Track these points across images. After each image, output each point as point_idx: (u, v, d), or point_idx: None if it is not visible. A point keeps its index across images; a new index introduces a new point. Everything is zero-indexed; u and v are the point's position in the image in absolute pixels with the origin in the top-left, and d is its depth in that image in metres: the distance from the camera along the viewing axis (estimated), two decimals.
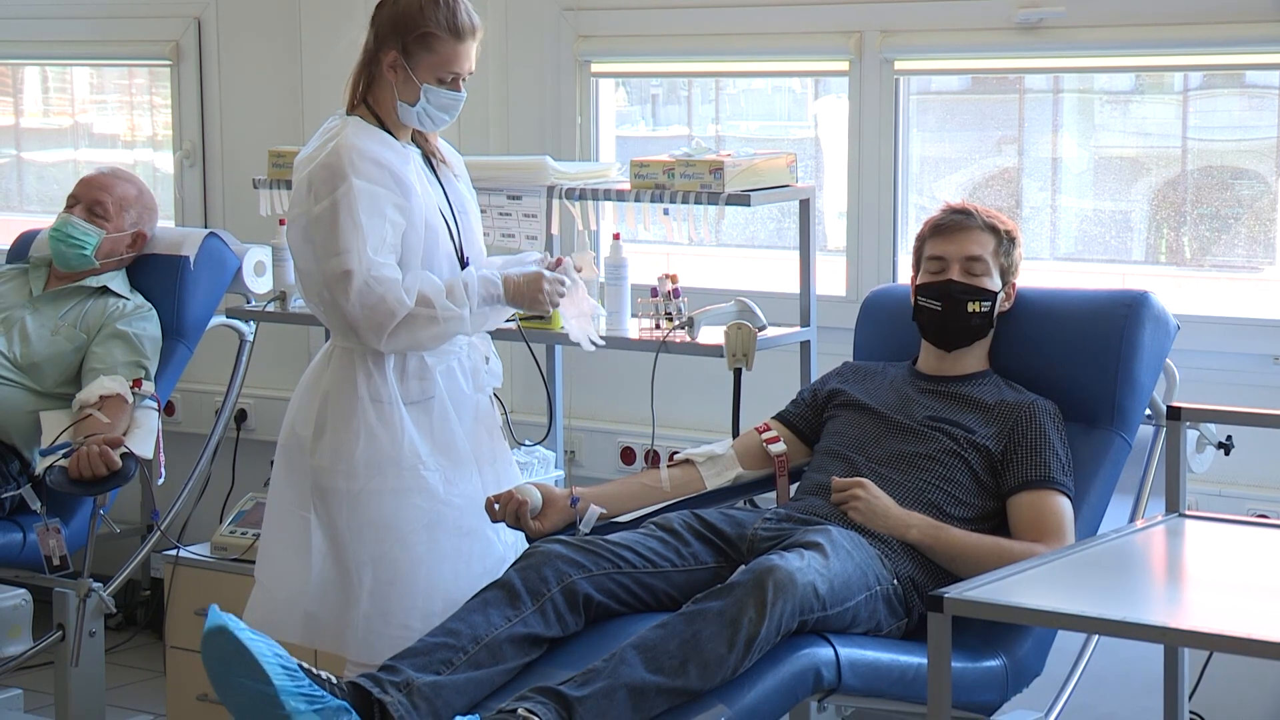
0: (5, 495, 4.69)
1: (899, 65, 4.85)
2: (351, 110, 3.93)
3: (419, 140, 3.99)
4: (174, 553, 4.95)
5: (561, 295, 3.95)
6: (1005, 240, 3.98)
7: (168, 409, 5.19)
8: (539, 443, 4.81)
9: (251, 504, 4.97)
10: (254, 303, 5.13)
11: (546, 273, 3.93)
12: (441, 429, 3.89)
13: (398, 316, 3.75)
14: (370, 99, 3.91)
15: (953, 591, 2.88)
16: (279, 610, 3.93)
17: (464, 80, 3.91)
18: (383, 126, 3.89)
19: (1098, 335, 3.95)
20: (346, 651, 3.88)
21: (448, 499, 3.87)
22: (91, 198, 5.01)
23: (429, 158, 3.99)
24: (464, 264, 3.93)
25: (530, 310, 3.96)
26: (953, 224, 3.97)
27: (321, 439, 3.88)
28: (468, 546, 3.87)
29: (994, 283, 3.96)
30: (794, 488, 4.00)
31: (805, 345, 4.56)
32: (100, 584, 4.62)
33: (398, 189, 3.80)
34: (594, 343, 4.11)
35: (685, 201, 4.40)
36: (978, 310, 3.94)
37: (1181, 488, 3.47)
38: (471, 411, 3.96)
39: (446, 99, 3.89)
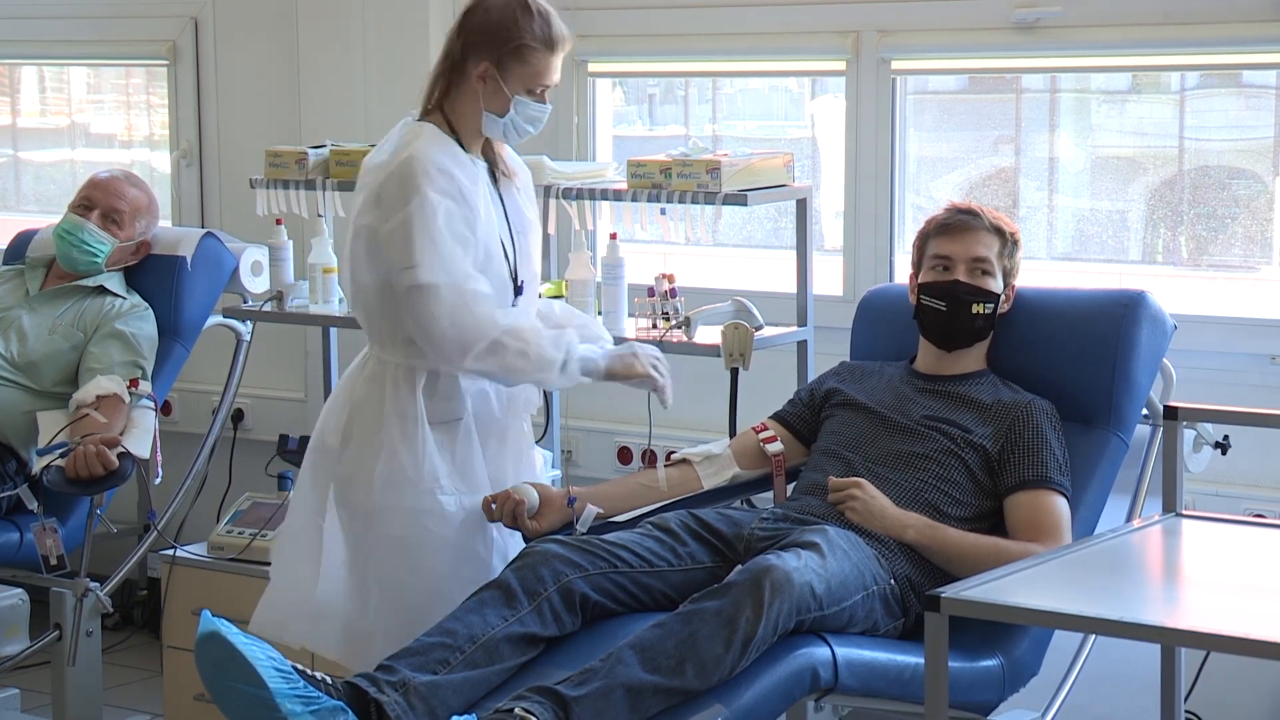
0: (2, 495, 4.69)
1: (896, 65, 4.85)
2: (425, 115, 3.84)
3: (486, 151, 3.90)
4: (171, 552, 4.95)
5: (656, 363, 3.91)
6: (1009, 243, 3.98)
7: (165, 409, 5.19)
8: (536, 442, 4.80)
9: (248, 504, 4.97)
10: (251, 302, 5.13)
11: (638, 345, 3.91)
12: (464, 452, 3.83)
13: (488, 337, 3.68)
14: (447, 106, 3.82)
15: (950, 591, 2.88)
16: (289, 612, 3.90)
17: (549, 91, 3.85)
18: (455, 136, 3.81)
19: (1095, 335, 3.95)
20: (348, 662, 3.86)
21: (460, 525, 3.81)
22: (109, 205, 4.99)
23: (493, 171, 3.90)
24: (518, 287, 3.86)
25: (627, 375, 3.88)
26: (959, 224, 3.96)
27: (346, 450, 3.83)
28: (470, 573, 3.82)
29: (997, 285, 3.96)
30: (791, 487, 4.00)
31: (802, 345, 4.56)
32: (97, 584, 4.62)
33: (467, 208, 3.74)
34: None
35: (682, 201, 4.40)
36: (981, 312, 3.94)
37: (1178, 487, 3.47)
38: (499, 435, 3.90)
39: (534, 111, 3.82)
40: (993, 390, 3.92)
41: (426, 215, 3.67)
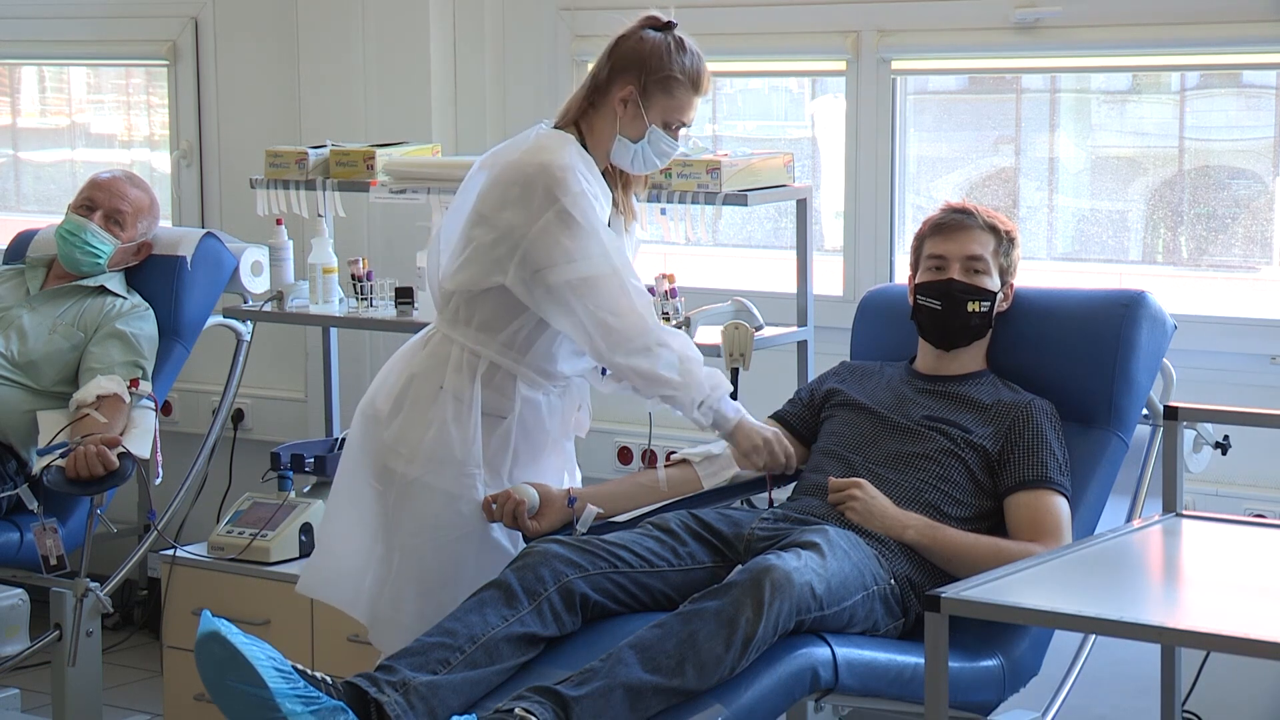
0: (2, 495, 4.69)
1: (896, 65, 4.85)
2: (563, 126, 3.88)
3: (615, 185, 3.93)
4: (171, 552, 4.94)
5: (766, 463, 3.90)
6: (1005, 241, 3.99)
7: (165, 409, 5.19)
8: None
9: (248, 504, 4.97)
10: (251, 302, 5.13)
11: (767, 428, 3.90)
12: (498, 449, 3.85)
13: (648, 338, 3.70)
14: (584, 124, 3.87)
15: (950, 591, 2.88)
16: (343, 580, 3.93)
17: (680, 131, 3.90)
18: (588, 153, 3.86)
19: (1095, 335, 3.95)
20: (375, 633, 3.88)
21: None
22: (111, 206, 4.99)
23: (616, 204, 3.94)
24: None
25: (745, 455, 3.86)
26: (953, 223, 3.97)
27: (396, 418, 3.86)
28: (491, 561, 3.84)
29: (993, 283, 3.96)
30: (791, 487, 4.00)
31: (802, 345, 4.56)
32: (97, 584, 4.62)
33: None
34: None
35: (682, 201, 4.40)
36: (977, 310, 3.94)
37: (1178, 487, 3.47)
38: (538, 446, 3.91)
39: (665, 145, 3.88)
40: (993, 390, 3.92)
41: (583, 209, 3.72)
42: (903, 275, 4.41)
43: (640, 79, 3.84)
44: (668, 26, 3.90)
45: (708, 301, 4.47)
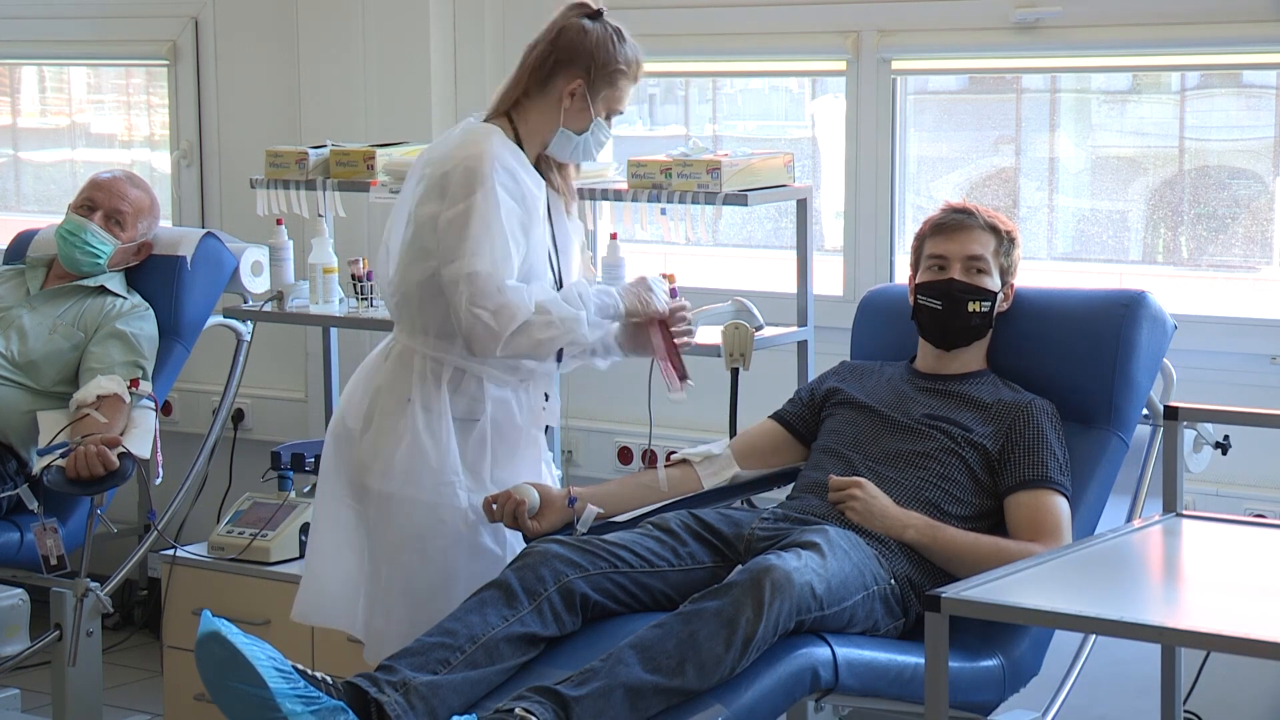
0: (2, 495, 4.69)
1: (896, 65, 4.85)
2: (493, 118, 3.88)
3: (550, 169, 3.95)
4: (171, 552, 4.95)
5: (672, 305, 3.94)
6: (1005, 241, 3.99)
7: (165, 409, 5.19)
8: None
9: (249, 504, 4.97)
10: (251, 302, 5.13)
11: (649, 277, 3.94)
12: (475, 453, 3.85)
13: (519, 320, 3.70)
14: (517, 116, 3.87)
15: (950, 591, 2.88)
16: (335, 603, 3.92)
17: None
18: (519, 145, 3.85)
19: (1095, 335, 3.95)
20: (370, 647, 3.87)
21: (471, 521, 3.84)
22: (112, 206, 4.99)
23: (550, 188, 3.94)
24: None
25: (645, 312, 3.92)
26: (954, 223, 3.97)
27: (367, 434, 3.86)
28: (480, 569, 3.83)
29: (994, 283, 3.96)
30: (791, 487, 4.00)
31: (802, 345, 4.56)
32: (97, 584, 4.62)
33: (524, 213, 3.78)
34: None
35: (682, 201, 4.40)
36: (978, 310, 3.94)
37: (1179, 487, 3.47)
38: (513, 443, 3.91)
39: (603, 135, 3.91)
40: (993, 390, 3.92)
41: (490, 208, 3.71)
42: (903, 275, 4.41)
43: (589, 72, 3.85)
44: (598, 14, 3.89)
45: (708, 301, 4.47)
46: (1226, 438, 4.05)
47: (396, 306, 3.89)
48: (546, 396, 3.98)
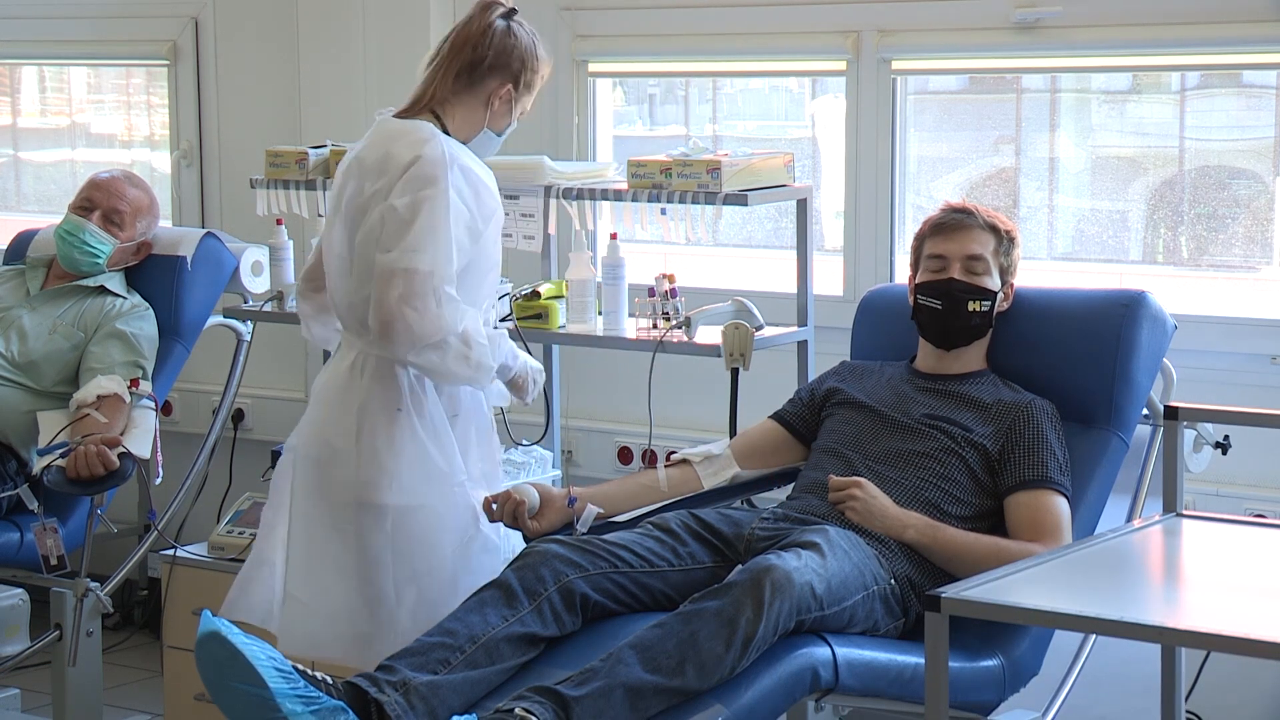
0: (3, 495, 4.69)
1: (896, 65, 4.85)
2: (415, 113, 3.87)
3: None
4: (171, 552, 4.95)
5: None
6: (1005, 240, 3.99)
7: (165, 409, 5.19)
8: (536, 442, 4.81)
9: (249, 504, 4.97)
10: (251, 302, 5.13)
11: (536, 371, 3.99)
12: (462, 448, 3.87)
13: (440, 336, 3.70)
14: (443, 112, 3.87)
15: (950, 591, 2.88)
16: (322, 629, 3.88)
17: None
18: None
19: (1095, 335, 3.95)
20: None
21: (479, 516, 3.85)
22: (110, 205, 4.99)
23: None
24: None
25: (517, 392, 3.99)
26: (953, 223, 3.98)
27: (363, 452, 3.82)
28: (489, 563, 3.84)
29: (994, 282, 3.96)
30: (791, 487, 4.00)
31: (802, 345, 4.56)
32: (98, 584, 4.62)
33: (479, 213, 3.78)
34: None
35: (682, 201, 4.40)
36: (978, 310, 3.94)
37: (1179, 487, 3.47)
38: (485, 431, 3.94)
39: (508, 132, 3.98)
40: (993, 390, 3.93)
41: (438, 207, 3.70)
42: (903, 275, 4.41)
43: (518, 78, 3.89)
44: (512, 13, 3.91)
45: (708, 301, 4.47)
46: (1226, 438, 4.05)
47: (359, 321, 3.81)
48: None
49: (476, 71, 3.86)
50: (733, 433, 4.35)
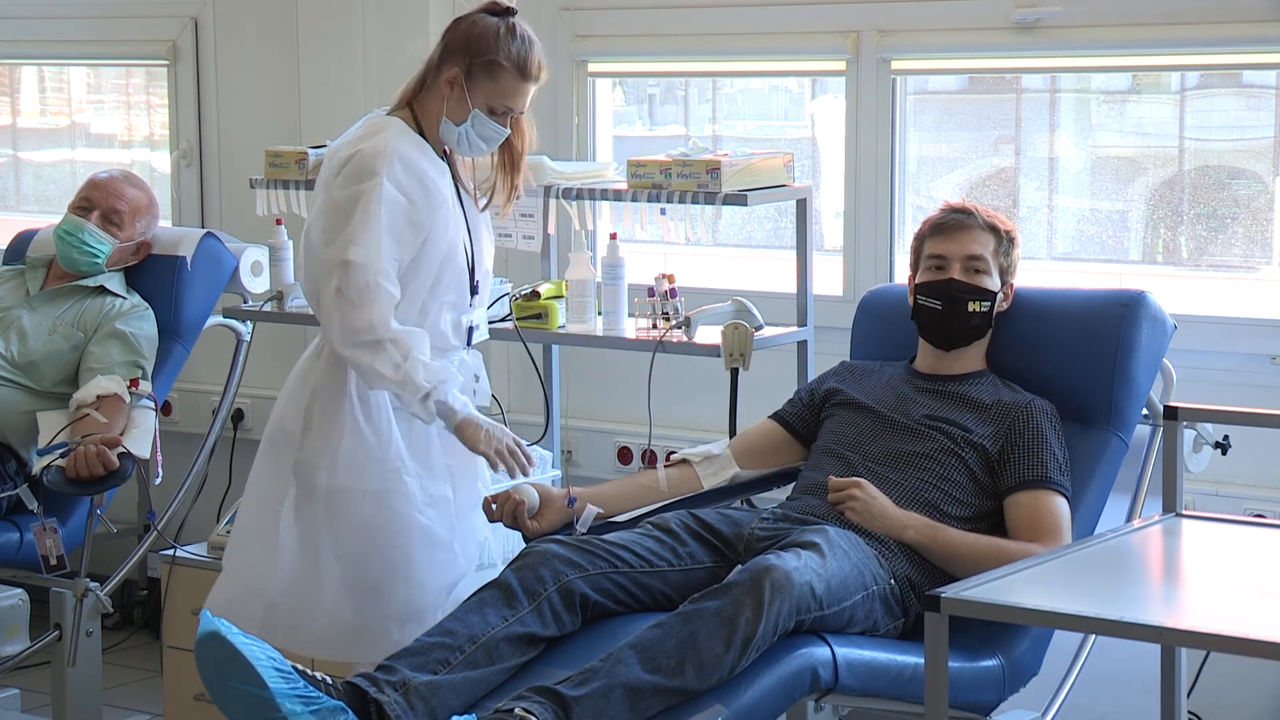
0: (2, 495, 4.69)
1: (896, 65, 4.85)
2: (395, 110, 3.93)
3: (454, 160, 3.98)
4: (171, 552, 4.95)
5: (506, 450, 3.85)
6: (1005, 240, 3.99)
7: (165, 409, 5.19)
8: (536, 442, 4.80)
9: None
10: (251, 302, 5.13)
11: (496, 427, 3.85)
12: (420, 438, 3.88)
13: (375, 333, 3.71)
14: (416, 105, 3.91)
15: (950, 591, 2.88)
16: (240, 599, 3.93)
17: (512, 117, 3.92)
18: (422, 135, 3.89)
19: (1095, 335, 3.95)
20: (301, 647, 3.87)
21: (422, 507, 3.87)
22: (109, 205, 4.99)
23: (458, 180, 3.97)
24: (474, 288, 3.93)
25: (471, 445, 3.81)
26: (953, 223, 3.98)
27: (308, 434, 3.89)
28: (434, 558, 3.87)
29: (994, 282, 3.96)
30: (791, 487, 4.00)
31: (802, 345, 4.56)
32: (97, 584, 4.62)
33: (424, 203, 3.79)
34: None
35: (682, 201, 4.40)
36: (977, 310, 3.94)
37: (1178, 487, 3.47)
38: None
39: (490, 130, 3.90)
40: (993, 390, 3.92)
41: (374, 199, 3.74)
42: (903, 275, 4.41)
43: (465, 62, 3.86)
44: (506, 12, 3.90)
45: (708, 301, 4.47)
46: (1226, 438, 4.05)
47: (314, 303, 3.90)
48: (477, 378, 4.00)
49: (434, 58, 3.91)
50: (732, 433, 4.35)
